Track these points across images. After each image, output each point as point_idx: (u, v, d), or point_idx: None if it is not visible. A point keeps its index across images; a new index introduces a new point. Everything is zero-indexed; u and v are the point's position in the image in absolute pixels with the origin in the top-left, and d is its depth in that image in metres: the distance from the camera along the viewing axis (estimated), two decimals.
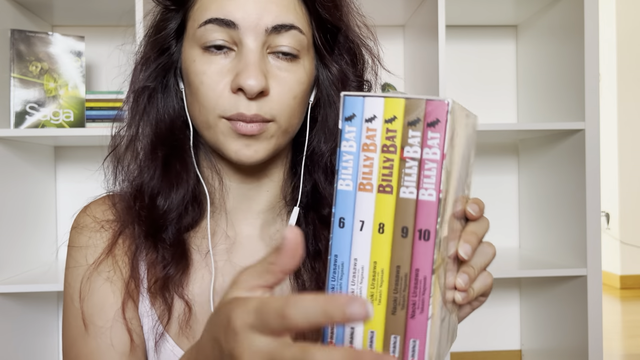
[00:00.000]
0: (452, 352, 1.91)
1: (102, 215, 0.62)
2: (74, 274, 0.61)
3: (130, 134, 0.62)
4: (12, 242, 1.48)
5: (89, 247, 0.61)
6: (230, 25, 0.54)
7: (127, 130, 0.62)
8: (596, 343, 1.45)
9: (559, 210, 1.62)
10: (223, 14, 0.54)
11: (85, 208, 0.64)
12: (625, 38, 3.74)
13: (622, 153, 3.74)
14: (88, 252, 0.61)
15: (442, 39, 1.44)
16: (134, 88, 0.62)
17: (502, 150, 1.92)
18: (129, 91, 0.63)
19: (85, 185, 1.78)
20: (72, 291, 0.60)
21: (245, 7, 0.54)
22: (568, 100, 1.56)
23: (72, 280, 0.61)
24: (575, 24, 1.51)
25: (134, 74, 0.63)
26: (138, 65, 0.62)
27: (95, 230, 0.61)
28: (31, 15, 1.63)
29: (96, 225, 0.61)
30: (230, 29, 0.54)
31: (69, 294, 0.61)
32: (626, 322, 2.83)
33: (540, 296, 1.75)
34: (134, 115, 0.62)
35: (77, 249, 0.61)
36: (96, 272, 0.59)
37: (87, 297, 0.59)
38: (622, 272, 3.70)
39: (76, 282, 0.60)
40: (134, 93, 0.62)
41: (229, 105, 0.55)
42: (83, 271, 0.60)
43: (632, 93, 3.74)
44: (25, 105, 1.46)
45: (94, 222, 0.62)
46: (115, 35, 1.80)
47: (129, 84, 0.64)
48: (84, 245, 0.61)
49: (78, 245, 0.61)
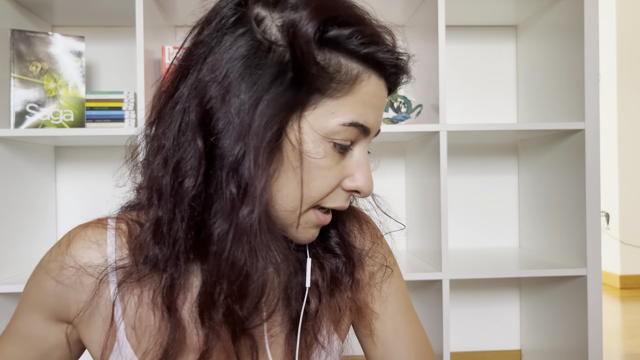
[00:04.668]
0: (452, 352, 1.91)
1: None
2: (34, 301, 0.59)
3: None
4: (12, 242, 1.48)
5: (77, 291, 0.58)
6: (365, 132, 0.54)
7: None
8: (596, 343, 1.45)
9: (558, 210, 1.62)
10: (365, 120, 0.54)
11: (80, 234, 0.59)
12: (625, 38, 3.73)
13: (622, 153, 3.74)
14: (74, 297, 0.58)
15: (442, 39, 1.44)
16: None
17: (502, 150, 1.92)
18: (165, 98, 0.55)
19: (85, 185, 1.78)
20: (29, 306, 0.60)
21: (376, 115, 0.55)
22: (568, 100, 1.56)
23: (33, 298, 0.60)
24: (575, 24, 1.51)
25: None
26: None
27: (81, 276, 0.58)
28: (31, 15, 1.63)
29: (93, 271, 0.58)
30: (361, 134, 0.55)
31: (27, 305, 0.60)
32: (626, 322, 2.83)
33: (540, 296, 1.75)
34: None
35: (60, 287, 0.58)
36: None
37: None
38: (622, 272, 3.70)
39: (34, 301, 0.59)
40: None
41: (332, 198, 0.56)
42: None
43: (632, 93, 3.74)
44: (25, 105, 1.46)
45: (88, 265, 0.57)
46: (115, 35, 1.80)
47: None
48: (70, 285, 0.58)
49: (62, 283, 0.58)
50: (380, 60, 0.53)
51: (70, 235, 0.59)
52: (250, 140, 0.49)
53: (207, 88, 0.50)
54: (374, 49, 0.52)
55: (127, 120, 1.52)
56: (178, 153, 0.51)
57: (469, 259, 1.65)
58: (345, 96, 0.52)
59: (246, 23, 0.51)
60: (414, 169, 1.74)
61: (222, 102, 0.50)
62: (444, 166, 1.43)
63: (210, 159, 0.51)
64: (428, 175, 1.57)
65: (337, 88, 0.51)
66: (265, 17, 0.52)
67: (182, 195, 0.51)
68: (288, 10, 0.51)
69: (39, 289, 0.59)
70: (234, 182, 0.50)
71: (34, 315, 0.60)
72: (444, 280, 1.45)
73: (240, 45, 0.50)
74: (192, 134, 0.50)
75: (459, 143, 1.91)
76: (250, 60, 0.50)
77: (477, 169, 1.92)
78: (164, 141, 0.52)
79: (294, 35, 0.49)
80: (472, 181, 1.92)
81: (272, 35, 0.51)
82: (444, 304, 1.45)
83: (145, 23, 1.41)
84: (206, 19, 0.54)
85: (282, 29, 0.51)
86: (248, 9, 0.52)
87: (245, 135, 0.49)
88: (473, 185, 1.92)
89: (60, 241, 0.59)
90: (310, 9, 0.50)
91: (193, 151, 0.50)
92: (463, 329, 1.92)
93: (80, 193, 1.78)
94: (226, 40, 0.51)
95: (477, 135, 1.64)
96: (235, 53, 0.50)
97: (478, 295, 1.93)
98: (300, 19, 0.49)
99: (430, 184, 1.55)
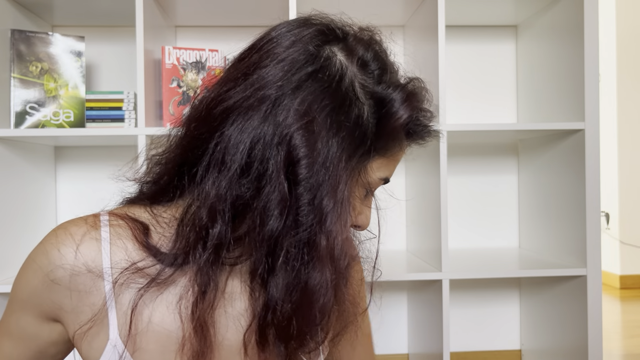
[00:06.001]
0: (452, 352, 1.91)
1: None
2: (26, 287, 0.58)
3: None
4: (12, 242, 1.48)
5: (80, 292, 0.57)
6: (385, 182, 0.62)
7: None
8: (596, 343, 1.45)
9: (558, 210, 1.62)
10: (389, 174, 0.61)
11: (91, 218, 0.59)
12: (625, 38, 3.74)
13: (622, 153, 3.74)
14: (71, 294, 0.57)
15: (442, 39, 1.44)
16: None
17: (502, 150, 1.92)
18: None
19: (85, 185, 1.78)
20: (19, 302, 0.59)
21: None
22: (568, 100, 1.56)
23: (23, 292, 0.58)
24: (575, 24, 1.51)
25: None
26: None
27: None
28: (31, 15, 1.63)
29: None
30: (382, 182, 0.62)
31: (16, 301, 0.59)
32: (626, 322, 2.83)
33: (540, 296, 1.75)
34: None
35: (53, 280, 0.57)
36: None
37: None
38: (622, 272, 3.71)
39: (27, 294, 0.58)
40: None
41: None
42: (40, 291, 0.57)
43: (631, 93, 3.74)
44: (25, 105, 1.46)
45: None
46: (115, 35, 1.80)
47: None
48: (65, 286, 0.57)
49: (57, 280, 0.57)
50: (426, 140, 0.63)
51: (60, 231, 0.57)
52: (338, 194, 0.53)
53: (295, 134, 0.51)
54: (430, 136, 0.63)
55: (127, 120, 1.52)
56: (262, 195, 0.51)
57: (469, 259, 1.65)
58: (390, 157, 0.60)
59: (334, 71, 0.54)
60: (413, 169, 1.75)
61: (310, 150, 0.51)
62: (443, 166, 1.44)
63: (291, 196, 0.53)
64: (428, 175, 1.57)
65: (392, 152, 0.59)
66: (355, 74, 0.55)
67: (264, 236, 0.52)
68: (383, 83, 0.56)
69: (27, 286, 0.58)
70: (311, 216, 0.52)
71: (24, 314, 0.59)
72: (443, 280, 1.45)
73: (326, 93, 0.53)
74: (277, 176, 0.51)
75: (459, 143, 1.91)
76: (337, 114, 0.53)
77: (477, 169, 1.92)
78: (232, 164, 0.52)
79: (386, 114, 0.56)
80: (472, 181, 1.92)
81: (358, 94, 0.55)
82: (443, 304, 1.45)
83: (145, 23, 1.41)
84: (287, 47, 0.55)
85: (373, 97, 0.56)
86: (334, 54, 0.55)
87: (331, 189, 0.52)
88: (473, 185, 1.92)
89: (50, 237, 0.58)
90: (403, 94, 0.57)
91: (278, 193, 0.51)
92: (463, 329, 1.92)
93: (80, 193, 1.78)
94: (313, 86, 0.53)
95: (476, 135, 1.64)
96: (322, 103, 0.52)
97: (478, 295, 1.93)
98: (395, 102, 0.56)
99: (430, 184, 1.55)
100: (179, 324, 0.57)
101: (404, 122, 0.57)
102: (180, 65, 1.52)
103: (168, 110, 1.50)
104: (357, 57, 0.56)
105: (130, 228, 0.58)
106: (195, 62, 1.53)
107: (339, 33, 0.57)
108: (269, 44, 0.55)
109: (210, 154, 0.53)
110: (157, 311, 0.57)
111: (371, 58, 0.57)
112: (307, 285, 0.52)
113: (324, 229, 0.52)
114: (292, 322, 0.54)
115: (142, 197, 0.62)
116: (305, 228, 0.51)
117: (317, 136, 0.51)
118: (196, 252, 0.54)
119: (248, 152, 0.52)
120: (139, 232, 0.58)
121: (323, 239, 0.52)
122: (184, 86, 1.52)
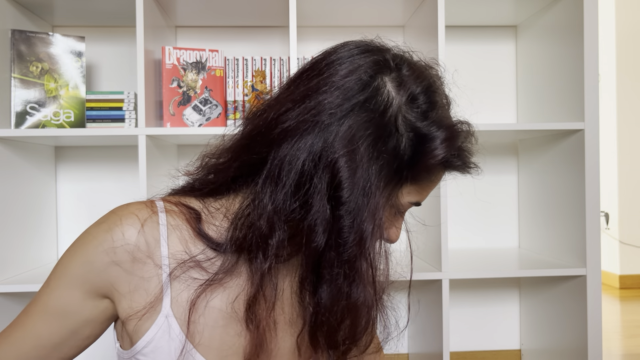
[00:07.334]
0: (452, 352, 1.91)
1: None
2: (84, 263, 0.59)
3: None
4: (12, 242, 1.49)
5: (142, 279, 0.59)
6: (417, 205, 0.65)
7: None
8: (595, 343, 1.46)
9: (558, 210, 1.62)
10: (420, 199, 0.63)
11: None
12: (624, 38, 3.74)
13: (621, 153, 3.74)
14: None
15: (442, 39, 1.44)
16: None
17: (502, 150, 1.92)
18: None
19: (86, 185, 1.78)
20: (71, 279, 0.59)
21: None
22: (567, 100, 1.56)
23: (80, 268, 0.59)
24: (574, 24, 1.51)
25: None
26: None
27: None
28: (31, 15, 1.63)
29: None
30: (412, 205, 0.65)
31: (64, 278, 0.60)
32: (625, 322, 2.84)
33: (539, 296, 1.75)
34: None
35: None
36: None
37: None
38: (622, 272, 3.71)
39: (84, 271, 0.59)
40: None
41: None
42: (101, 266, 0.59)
43: (631, 93, 3.74)
44: (25, 105, 1.46)
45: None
46: (115, 36, 1.80)
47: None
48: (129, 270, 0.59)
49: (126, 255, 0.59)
50: (464, 174, 0.65)
51: (123, 212, 0.60)
52: (376, 219, 0.57)
53: (339, 159, 0.55)
54: (469, 173, 0.64)
55: (128, 120, 1.52)
56: (310, 214, 0.56)
57: (469, 259, 1.65)
58: (423, 185, 0.61)
59: (380, 102, 0.57)
60: None
61: (351, 176, 0.55)
62: None
63: (333, 217, 0.57)
64: None
65: (425, 182, 0.61)
66: (400, 107, 0.57)
67: (311, 251, 0.56)
68: (428, 120, 0.58)
69: (84, 263, 0.58)
70: (352, 237, 0.56)
71: (72, 290, 0.59)
72: (443, 280, 1.45)
73: (371, 123, 0.56)
74: (322, 197, 0.55)
75: None
76: (378, 143, 0.56)
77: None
78: (286, 180, 0.57)
79: (424, 150, 0.57)
80: (472, 181, 1.92)
81: (399, 126, 0.57)
82: (443, 304, 1.45)
83: (146, 23, 1.41)
84: (343, 76, 0.58)
85: (414, 130, 0.57)
86: (384, 84, 0.58)
87: (369, 214, 0.56)
88: (473, 185, 1.92)
89: (112, 216, 0.60)
90: (445, 135, 0.58)
91: (322, 213, 0.56)
92: (463, 328, 1.93)
93: (81, 193, 1.78)
94: (360, 115, 0.56)
95: (476, 135, 1.64)
96: (366, 132, 0.56)
97: (478, 295, 1.93)
98: (436, 140, 0.58)
99: None
100: (233, 321, 0.61)
101: (439, 161, 0.58)
102: (180, 66, 1.52)
103: (168, 111, 1.51)
104: (406, 89, 0.58)
105: (184, 214, 0.61)
106: (195, 62, 1.54)
107: (393, 64, 0.60)
108: (328, 69, 0.59)
109: (268, 168, 0.58)
110: (211, 305, 0.61)
111: (420, 92, 0.59)
112: (350, 299, 0.57)
113: (363, 250, 0.56)
114: (339, 329, 0.59)
115: (194, 189, 0.66)
116: (347, 248, 0.55)
117: (358, 163, 0.55)
118: (257, 259, 0.58)
119: (300, 171, 0.56)
120: (192, 218, 0.61)
121: (363, 259, 0.56)
122: (184, 86, 1.52)
